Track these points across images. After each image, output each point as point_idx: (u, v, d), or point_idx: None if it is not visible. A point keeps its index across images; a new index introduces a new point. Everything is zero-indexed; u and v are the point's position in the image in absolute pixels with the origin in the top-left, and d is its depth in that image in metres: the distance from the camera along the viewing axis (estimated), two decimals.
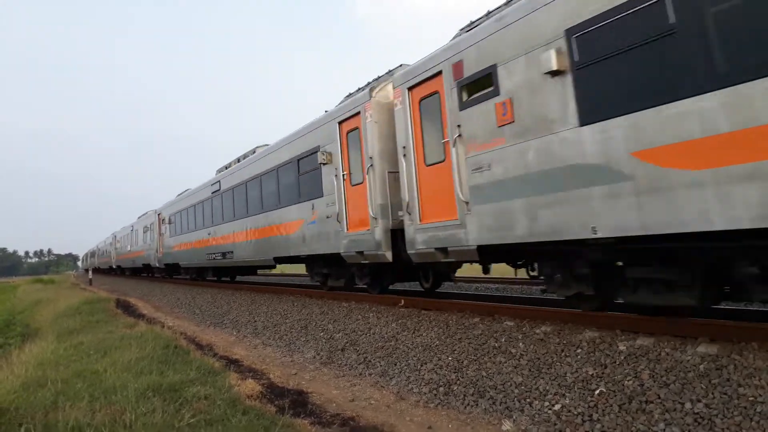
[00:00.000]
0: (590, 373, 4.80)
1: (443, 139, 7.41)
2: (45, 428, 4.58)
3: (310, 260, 12.07)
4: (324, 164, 10.35)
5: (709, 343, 4.68)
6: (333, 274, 11.53)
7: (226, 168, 17.72)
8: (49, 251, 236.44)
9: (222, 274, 21.85)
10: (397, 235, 8.66)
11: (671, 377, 4.32)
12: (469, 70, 6.82)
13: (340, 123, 9.97)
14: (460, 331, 6.74)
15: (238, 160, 16.67)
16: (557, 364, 5.17)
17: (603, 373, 4.73)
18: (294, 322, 9.96)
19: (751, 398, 3.80)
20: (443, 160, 7.47)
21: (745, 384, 3.95)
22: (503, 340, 6.08)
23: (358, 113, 9.38)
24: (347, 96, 10.64)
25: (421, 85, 7.88)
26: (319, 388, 6.19)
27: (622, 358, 4.85)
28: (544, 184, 5.76)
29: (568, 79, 5.48)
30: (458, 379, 5.58)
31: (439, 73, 7.39)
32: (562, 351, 5.37)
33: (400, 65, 9.44)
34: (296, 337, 9.03)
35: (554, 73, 5.58)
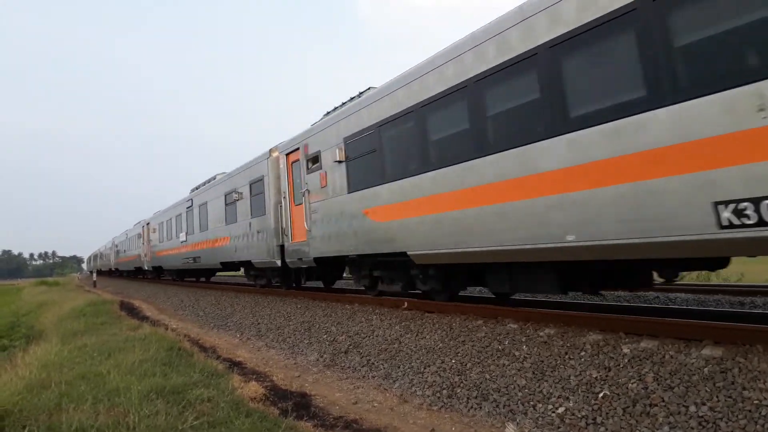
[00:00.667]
0: (594, 375, 4.78)
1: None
2: (48, 430, 4.59)
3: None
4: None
5: (713, 346, 4.66)
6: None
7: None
8: (54, 253, 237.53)
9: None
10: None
11: (675, 380, 4.30)
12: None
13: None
14: (463, 334, 6.73)
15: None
16: (561, 366, 5.15)
17: (607, 375, 4.72)
18: (297, 324, 9.96)
19: (755, 401, 3.78)
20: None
21: (749, 387, 3.93)
22: (507, 342, 6.07)
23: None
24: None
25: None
26: (323, 391, 6.19)
27: (626, 360, 4.83)
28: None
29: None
30: (461, 382, 5.57)
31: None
32: (566, 354, 5.35)
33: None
34: (300, 339, 9.03)
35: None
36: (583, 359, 5.14)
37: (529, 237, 6.12)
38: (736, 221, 4.32)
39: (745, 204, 4.25)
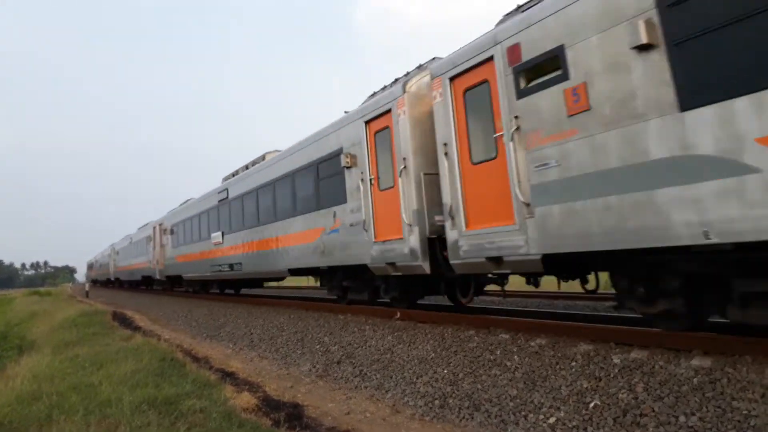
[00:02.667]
0: (585, 386, 4.81)
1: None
2: None
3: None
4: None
5: (702, 356, 4.70)
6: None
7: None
8: (46, 263, 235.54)
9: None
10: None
11: (665, 390, 4.33)
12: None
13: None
14: (455, 344, 6.75)
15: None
16: (552, 377, 5.18)
17: (597, 386, 4.75)
18: (290, 334, 9.94)
19: (744, 412, 3.81)
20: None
21: (738, 397, 3.96)
22: (498, 352, 6.09)
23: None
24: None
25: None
26: (315, 401, 6.18)
27: (617, 371, 4.86)
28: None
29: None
30: (454, 392, 5.59)
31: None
32: (557, 364, 5.38)
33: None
34: (292, 349, 9.02)
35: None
36: (574, 369, 5.16)
37: None
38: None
39: None
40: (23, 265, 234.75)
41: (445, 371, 6.11)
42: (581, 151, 5.35)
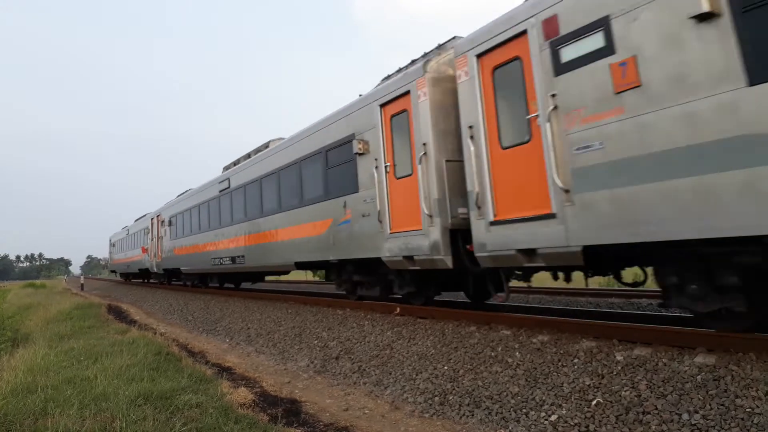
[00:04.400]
0: (587, 383, 4.76)
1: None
2: None
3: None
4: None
5: (706, 354, 4.66)
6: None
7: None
8: (41, 255, 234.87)
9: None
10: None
11: (668, 388, 4.29)
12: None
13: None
14: (456, 340, 6.70)
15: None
16: (554, 373, 5.13)
17: (600, 383, 4.70)
18: (288, 329, 9.88)
19: (748, 409, 3.78)
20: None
21: (742, 395, 3.93)
22: (500, 349, 6.04)
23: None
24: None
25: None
26: (313, 397, 6.13)
27: (620, 368, 4.82)
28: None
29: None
30: (454, 389, 5.53)
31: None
32: (559, 361, 5.33)
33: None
34: (290, 344, 8.96)
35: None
36: (576, 366, 5.12)
37: None
38: None
39: None
40: (18, 257, 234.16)
41: (446, 367, 6.05)
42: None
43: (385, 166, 8.60)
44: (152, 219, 26.34)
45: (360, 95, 9.83)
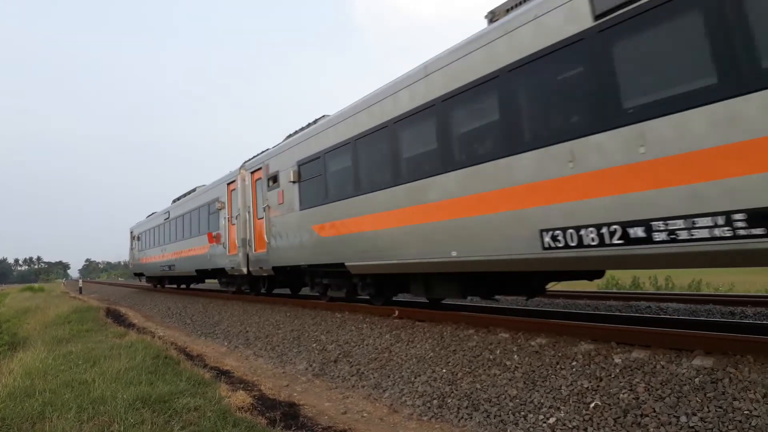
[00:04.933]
0: (585, 386, 4.77)
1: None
2: None
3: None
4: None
5: (704, 356, 4.66)
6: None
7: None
8: (39, 259, 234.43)
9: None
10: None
11: (666, 390, 4.29)
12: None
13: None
14: (454, 343, 6.69)
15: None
16: (552, 376, 5.13)
17: (598, 386, 4.70)
18: (286, 332, 9.87)
19: (746, 412, 3.78)
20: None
21: (740, 397, 3.93)
22: (498, 352, 6.04)
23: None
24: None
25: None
26: (311, 401, 6.12)
27: (618, 370, 4.82)
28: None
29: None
30: (452, 392, 5.53)
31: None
32: (557, 363, 5.33)
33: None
34: (288, 348, 8.95)
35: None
36: (574, 369, 5.12)
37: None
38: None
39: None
40: (16, 260, 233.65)
41: (444, 370, 6.05)
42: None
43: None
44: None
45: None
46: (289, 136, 12.54)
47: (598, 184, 5.23)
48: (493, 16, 6.96)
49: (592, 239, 5.28)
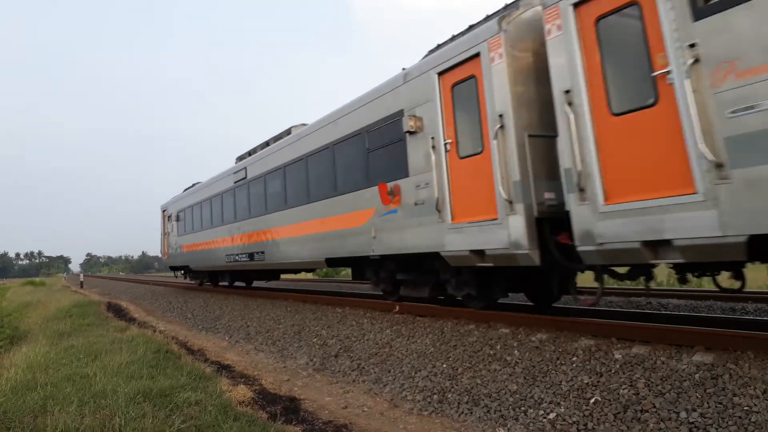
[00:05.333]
0: (585, 381, 4.78)
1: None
2: None
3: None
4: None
5: (704, 352, 4.67)
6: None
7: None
8: (40, 253, 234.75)
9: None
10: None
11: (666, 386, 4.30)
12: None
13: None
14: (455, 338, 6.71)
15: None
16: (552, 372, 5.14)
17: (598, 381, 4.71)
18: (287, 327, 9.89)
19: (746, 408, 3.79)
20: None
21: (740, 393, 3.94)
22: (498, 347, 6.05)
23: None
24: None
25: None
26: (312, 395, 6.14)
27: (618, 366, 4.83)
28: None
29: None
30: (453, 387, 5.55)
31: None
32: (558, 359, 5.35)
33: None
34: (289, 342, 8.97)
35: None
36: (574, 365, 5.13)
37: None
38: None
39: None
40: (17, 254, 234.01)
41: (444, 366, 6.07)
42: None
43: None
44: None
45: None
46: None
47: None
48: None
49: None
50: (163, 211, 23.74)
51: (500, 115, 6.45)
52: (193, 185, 20.58)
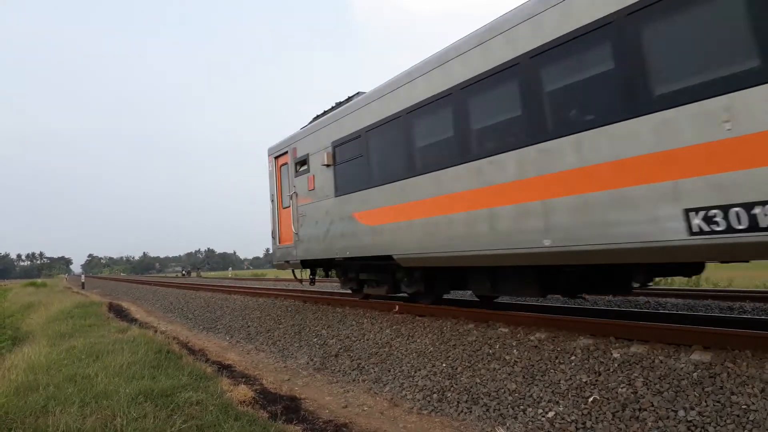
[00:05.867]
0: (584, 380, 4.80)
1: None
2: None
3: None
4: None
5: (702, 351, 4.69)
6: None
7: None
8: (41, 254, 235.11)
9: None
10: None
11: (665, 385, 4.32)
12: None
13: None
14: (454, 338, 6.73)
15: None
16: (551, 371, 5.16)
17: (597, 380, 4.73)
18: (287, 327, 9.92)
19: (744, 406, 3.81)
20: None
21: (738, 392, 3.96)
22: (497, 346, 6.08)
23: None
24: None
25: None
26: (312, 395, 6.16)
27: (616, 365, 4.85)
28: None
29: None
30: (452, 386, 5.57)
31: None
32: (556, 358, 5.37)
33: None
34: (289, 342, 8.99)
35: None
36: (573, 364, 5.15)
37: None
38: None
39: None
40: (19, 255, 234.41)
41: (444, 365, 6.09)
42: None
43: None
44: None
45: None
46: None
47: None
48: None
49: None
50: (278, 155, 12.59)
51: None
52: (353, 96, 10.65)
